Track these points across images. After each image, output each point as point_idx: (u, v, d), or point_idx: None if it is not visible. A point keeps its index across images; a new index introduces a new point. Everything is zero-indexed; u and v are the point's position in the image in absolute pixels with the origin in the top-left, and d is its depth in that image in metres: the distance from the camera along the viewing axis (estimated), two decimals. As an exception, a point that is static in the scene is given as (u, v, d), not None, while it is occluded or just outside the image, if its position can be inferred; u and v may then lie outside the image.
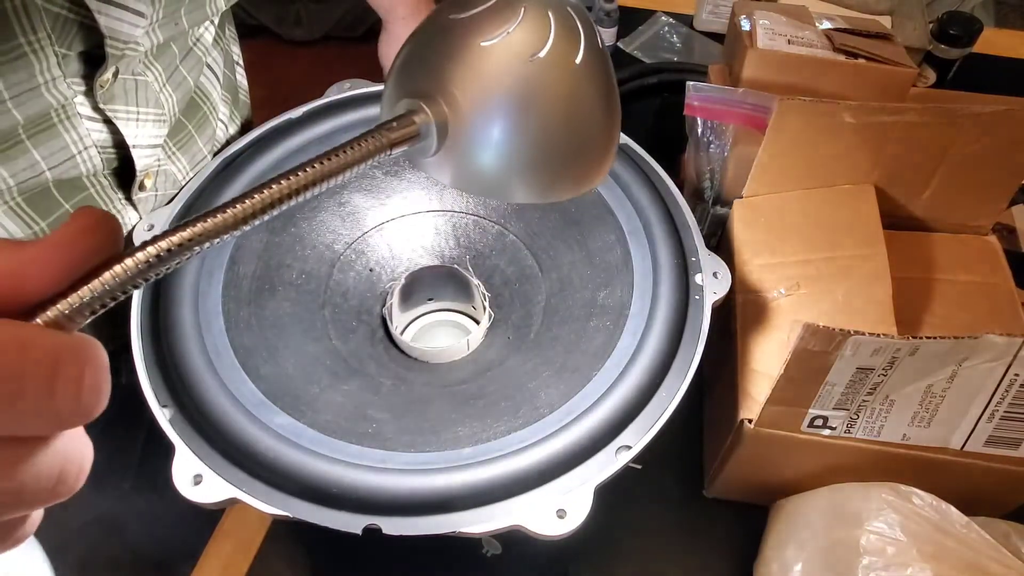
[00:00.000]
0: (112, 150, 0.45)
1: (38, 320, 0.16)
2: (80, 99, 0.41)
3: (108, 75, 0.40)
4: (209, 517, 0.53)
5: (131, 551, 0.52)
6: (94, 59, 0.39)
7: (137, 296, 0.43)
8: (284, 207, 0.20)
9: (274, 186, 0.20)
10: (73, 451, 0.17)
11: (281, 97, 0.61)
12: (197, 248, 0.18)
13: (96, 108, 0.42)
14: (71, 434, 0.17)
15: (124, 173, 0.47)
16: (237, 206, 0.19)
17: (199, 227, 0.18)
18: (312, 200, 0.51)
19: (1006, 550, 0.40)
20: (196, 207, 0.48)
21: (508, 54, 0.24)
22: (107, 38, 0.38)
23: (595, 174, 0.29)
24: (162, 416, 0.39)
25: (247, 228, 0.20)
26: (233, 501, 0.37)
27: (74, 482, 0.18)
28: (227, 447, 0.38)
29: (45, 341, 0.15)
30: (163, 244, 0.18)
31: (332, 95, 0.54)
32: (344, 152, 0.22)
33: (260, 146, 0.51)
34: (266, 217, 0.20)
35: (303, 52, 1.88)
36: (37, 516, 0.18)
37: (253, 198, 0.20)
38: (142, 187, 0.48)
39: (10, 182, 0.40)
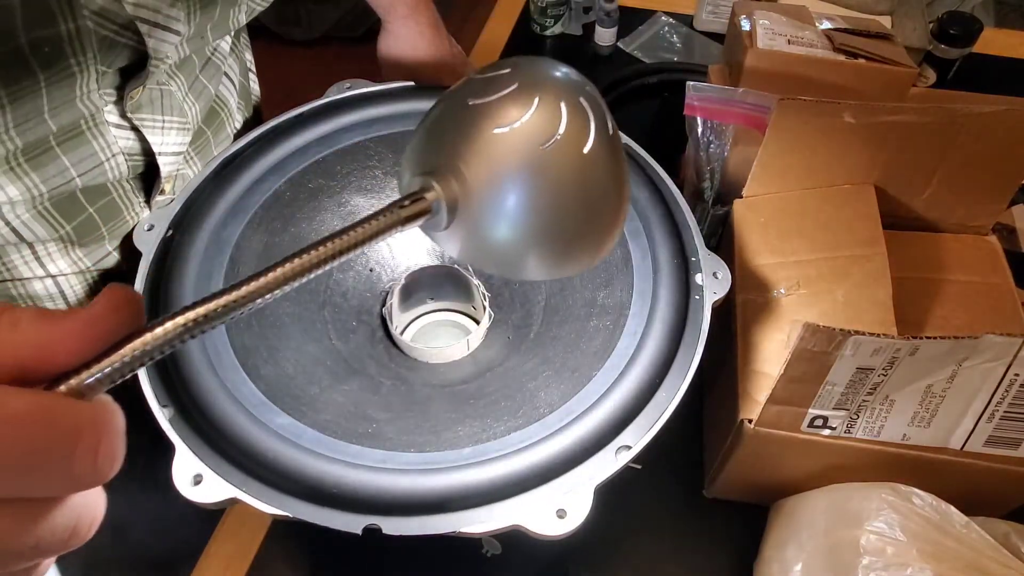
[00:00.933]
0: (139, 157, 0.47)
1: (63, 388, 0.17)
2: (109, 108, 0.42)
3: (139, 87, 0.42)
4: (209, 517, 0.53)
5: (132, 550, 0.52)
6: (125, 72, 0.41)
7: (137, 296, 0.43)
8: (297, 284, 0.21)
9: (287, 265, 0.21)
10: (86, 507, 0.19)
11: (281, 97, 0.61)
12: (214, 324, 0.20)
13: (124, 116, 0.43)
14: (84, 493, 0.19)
15: (147, 178, 0.49)
16: (252, 283, 0.20)
17: (214, 303, 0.20)
18: (312, 200, 0.51)
19: (1006, 550, 0.40)
20: (196, 206, 0.48)
21: (520, 142, 0.25)
22: (151, 58, 0.40)
23: (599, 253, 0.30)
24: (162, 416, 0.39)
25: (260, 303, 0.21)
26: (233, 501, 0.37)
27: (86, 534, 0.19)
28: (227, 447, 0.38)
29: (68, 413, 0.17)
30: (180, 320, 0.19)
31: (332, 95, 0.54)
32: (359, 228, 0.23)
33: (260, 146, 0.51)
34: (278, 294, 0.21)
35: (303, 52, 1.88)
36: (49, 561, 0.20)
37: (267, 276, 0.21)
38: (162, 192, 0.50)
39: (42, 188, 0.41)
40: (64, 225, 0.45)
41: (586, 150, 0.26)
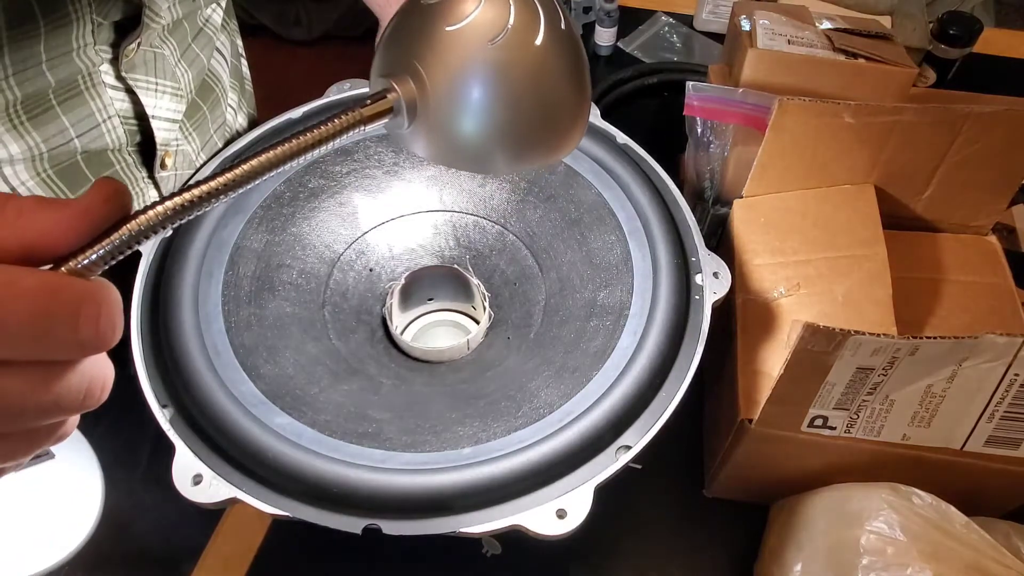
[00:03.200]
0: (134, 121, 0.47)
1: (63, 269, 0.20)
2: (105, 67, 0.43)
3: (134, 44, 0.43)
4: (210, 516, 0.53)
5: (132, 550, 0.52)
6: (120, 29, 0.43)
7: (137, 296, 0.43)
8: (270, 174, 0.23)
9: (261, 156, 0.23)
10: (97, 371, 0.22)
11: (281, 97, 0.61)
12: (189, 215, 0.22)
13: (119, 77, 0.44)
14: (94, 359, 0.22)
15: (146, 149, 0.49)
16: (226, 175, 0.22)
17: (189, 194, 0.22)
18: (312, 200, 0.51)
19: (1006, 550, 0.40)
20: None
21: (470, 38, 0.26)
22: (146, 8, 0.42)
23: (562, 146, 0.31)
24: (162, 416, 0.39)
25: (234, 194, 0.23)
26: (233, 501, 0.37)
27: (100, 395, 0.22)
28: (227, 447, 0.38)
29: (70, 286, 0.19)
30: (160, 209, 0.21)
31: (332, 95, 0.54)
32: (323, 126, 0.24)
33: (260, 146, 0.51)
34: (252, 184, 0.23)
35: (303, 52, 1.88)
36: (73, 420, 0.24)
37: (241, 168, 0.23)
38: (163, 165, 0.51)
39: (43, 147, 0.42)
40: (68, 194, 0.45)
41: (537, 42, 0.27)
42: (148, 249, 0.45)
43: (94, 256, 0.20)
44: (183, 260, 0.45)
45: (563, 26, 0.28)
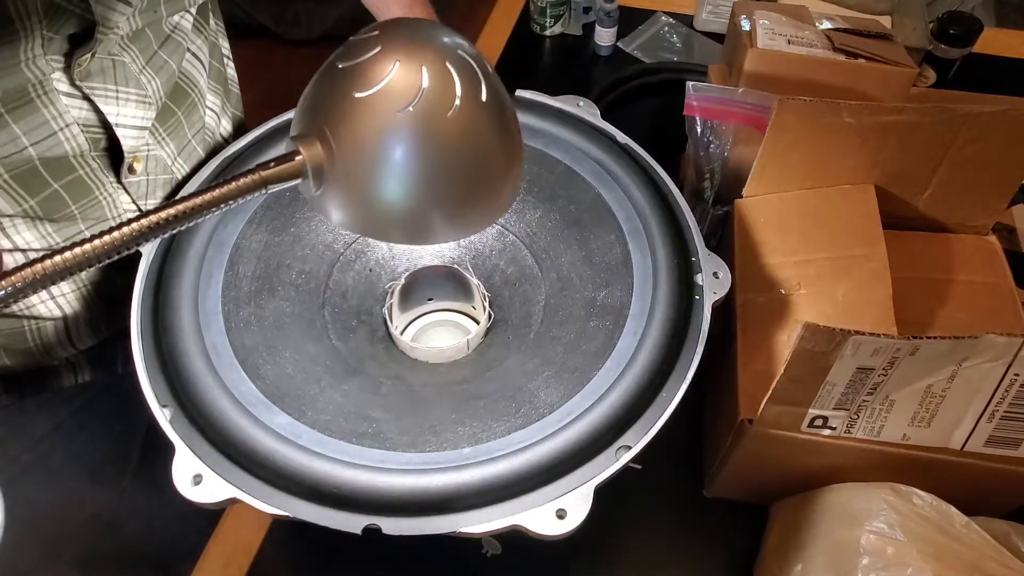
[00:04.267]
0: (97, 129, 0.46)
1: None
2: (57, 75, 0.42)
3: (88, 55, 0.42)
4: (209, 517, 0.53)
5: (132, 549, 0.52)
6: (74, 40, 0.41)
7: (137, 296, 0.43)
8: (165, 233, 0.23)
9: (151, 216, 0.22)
10: None
11: (280, 97, 0.61)
12: (51, 283, 0.21)
13: (74, 84, 0.43)
14: None
15: (113, 155, 0.48)
16: (104, 239, 0.22)
17: (50, 263, 0.21)
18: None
19: (1006, 550, 0.40)
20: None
21: (379, 106, 0.25)
22: (99, 25, 0.40)
23: (484, 214, 0.29)
24: (162, 416, 0.39)
25: (124, 253, 0.22)
26: (233, 501, 0.37)
27: None
28: (227, 447, 0.38)
29: None
30: (50, 263, 0.21)
31: (332, 95, 0.54)
32: (223, 187, 0.24)
33: (260, 146, 0.51)
34: (149, 240, 0.23)
35: (302, 52, 1.88)
36: None
37: (124, 229, 0.22)
38: (132, 171, 0.49)
39: None
40: (27, 199, 0.44)
41: (450, 115, 0.26)
42: (148, 249, 0.45)
43: None
44: (183, 260, 0.45)
45: (484, 95, 0.27)
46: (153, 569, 0.52)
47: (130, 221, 0.22)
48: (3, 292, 0.21)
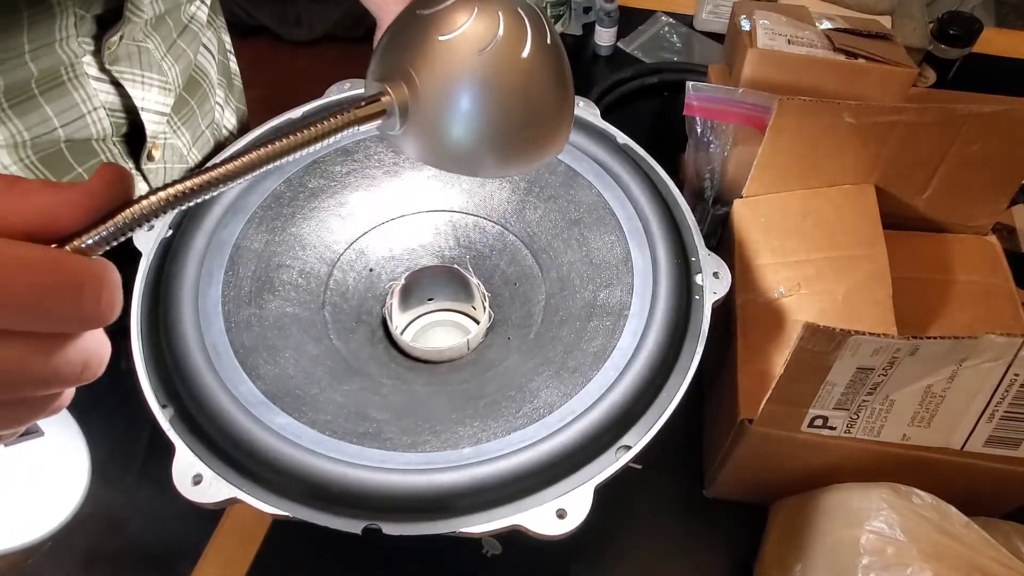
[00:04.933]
0: (121, 114, 0.48)
1: (67, 248, 0.21)
2: (88, 59, 0.44)
3: (116, 37, 0.44)
4: (210, 516, 0.53)
5: (132, 550, 0.52)
6: (102, 22, 0.43)
7: (137, 296, 0.43)
8: (268, 167, 0.24)
9: (260, 150, 0.24)
10: (95, 346, 0.22)
11: (281, 97, 0.61)
12: (188, 202, 0.23)
13: (103, 69, 0.45)
14: (93, 334, 0.22)
15: (133, 141, 0.50)
16: (225, 167, 0.23)
17: (188, 183, 0.22)
18: (311, 200, 0.51)
19: (1006, 550, 0.40)
20: (196, 206, 0.48)
21: (461, 48, 0.28)
22: (128, 2, 0.43)
23: (545, 150, 0.32)
24: (162, 416, 0.39)
25: (231, 185, 0.23)
26: (233, 501, 0.37)
27: (97, 369, 0.23)
28: (227, 447, 0.38)
29: (74, 263, 0.20)
30: (162, 195, 0.22)
31: (332, 95, 0.54)
32: (320, 124, 0.25)
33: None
34: (252, 174, 0.24)
35: (303, 52, 1.88)
36: (69, 393, 0.24)
37: (240, 160, 0.23)
38: (150, 157, 0.51)
39: (25, 136, 0.43)
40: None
41: (524, 54, 0.28)
42: (148, 249, 0.45)
43: (96, 237, 0.21)
44: (183, 260, 0.45)
45: (549, 40, 0.29)
46: (153, 568, 0.52)
47: (228, 160, 0.23)
48: (113, 227, 0.21)
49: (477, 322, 0.55)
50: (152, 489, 0.54)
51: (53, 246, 0.21)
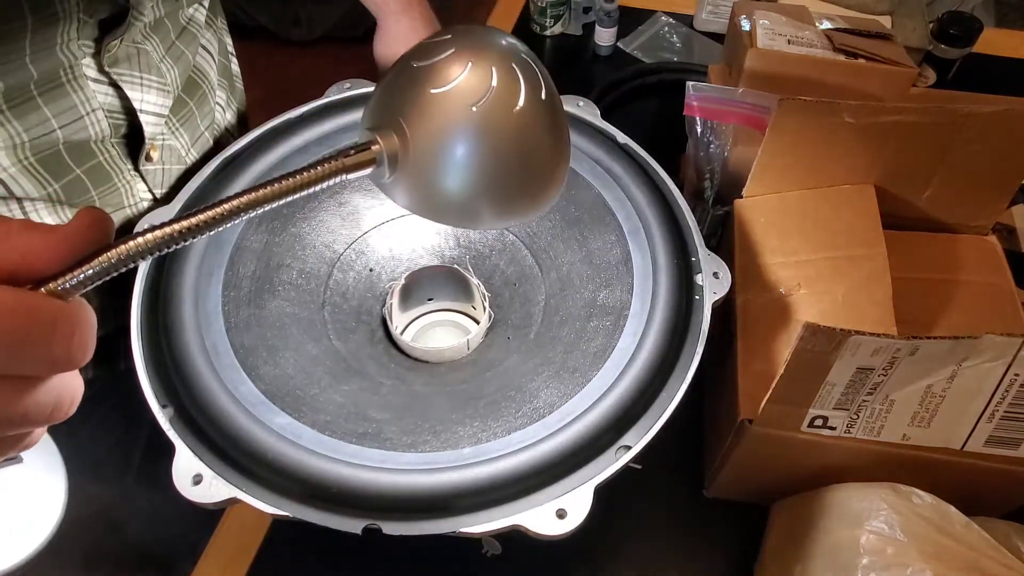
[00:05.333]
0: (120, 115, 0.48)
1: (43, 290, 0.21)
2: (87, 61, 0.44)
3: (116, 40, 0.44)
4: (210, 516, 0.53)
5: (132, 548, 0.52)
6: (103, 26, 0.43)
7: (137, 296, 0.43)
8: (249, 215, 0.24)
9: (243, 197, 0.24)
10: (66, 388, 0.23)
11: (281, 97, 0.61)
12: (167, 248, 0.23)
13: (101, 71, 0.45)
14: (64, 375, 0.22)
15: (132, 142, 0.50)
16: (208, 213, 0.23)
17: (168, 230, 0.22)
18: (311, 200, 0.51)
19: (1006, 550, 0.40)
20: (196, 206, 0.48)
21: (453, 101, 0.28)
22: (132, 9, 0.43)
23: (536, 204, 0.32)
24: (162, 416, 0.39)
25: (217, 230, 0.23)
26: (233, 501, 0.37)
27: (68, 409, 0.23)
28: (227, 447, 0.38)
29: (48, 307, 0.20)
30: (141, 240, 0.22)
31: (332, 95, 0.54)
32: (306, 172, 0.25)
33: (260, 146, 0.51)
34: (234, 221, 0.24)
35: (303, 52, 1.88)
36: (40, 431, 0.24)
37: (221, 207, 0.23)
38: (149, 158, 0.51)
39: (24, 137, 0.43)
40: (51, 183, 0.46)
41: (516, 110, 0.29)
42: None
43: (73, 280, 0.21)
44: (183, 260, 0.45)
45: (543, 94, 0.29)
46: (153, 568, 0.52)
47: (211, 206, 0.23)
48: (90, 271, 0.21)
49: (477, 322, 0.55)
50: (152, 489, 0.54)
51: (29, 287, 0.21)
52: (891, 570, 0.40)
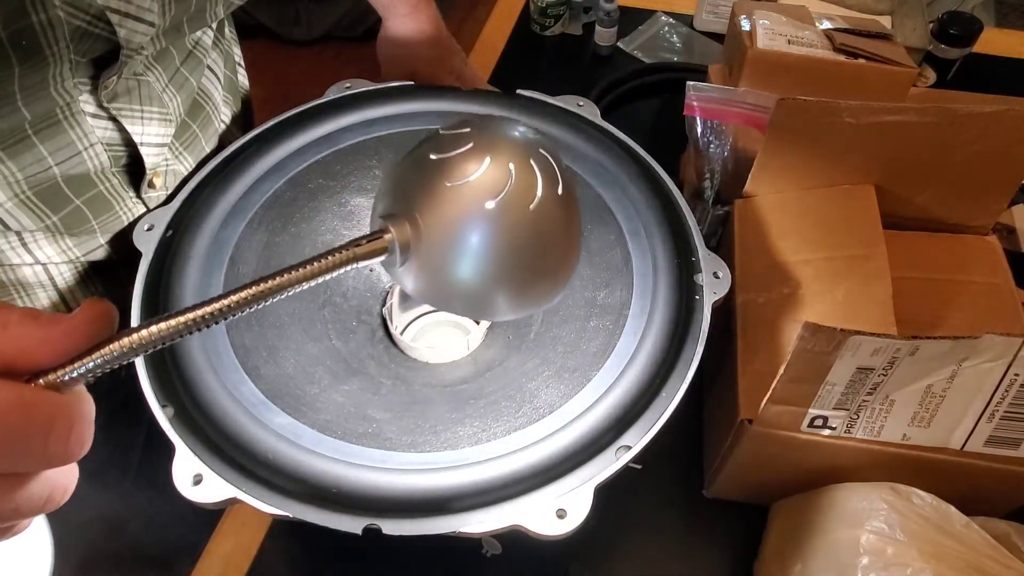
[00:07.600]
0: (120, 148, 0.46)
1: (41, 381, 0.21)
2: (84, 97, 0.42)
3: (114, 77, 0.42)
4: (210, 516, 0.53)
5: (132, 549, 0.52)
6: (99, 62, 0.41)
7: (137, 296, 0.43)
8: (263, 304, 0.24)
9: (253, 288, 0.23)
10: (59, 479, 0.22)
11: (281, 97, 0.61)
12: (171, 341, 0.22)
13: (100, 106, 0.43)
14: (59, 468, 0.22)
15: (133, 171, 0.48)
16: (214, 305, 0.23)
17: (174, 322, 0.22)
18: (312, 200, 0.51)
19: (1006, 550, 0.40)
20: (196, 206, 0.48)
21: (468, 196, 0.28)
22: (123, 48, 0.40)
23: (544, 298, 0.33)
24: (162, 416, 0.39)
25: (225, 321, 0.23)
26: (233, 501, 0.37)
27: (60, 500, 0.23)
28: (227, 447, 0.38)
29: (45, 403, 0.20)
30: (145, 334, 0.22)
31: (332, 95, 0.54)
32: (317, 262, 0.25)
33: (260, 146, 0.51)
34: (245, 312, 0.23)
35: (303, 52, 1.88)
36: (27, 521, 0.23)
37: (233, 297, 0.23)
38: (152, 185, 0.50)
39: (18, 176, 0.42)
40: (50, 215, 0.45)
41: (532, 207, 0.29)
42: (148, 249, 0.45)
43: (73, 373, 0.21)
44: (183, 260, 0.45)
45: (560, 190, 0.29)
46: (153, 568, 0.52)
47: (218, 298, 0.23)
48: (91, 364, 0.21)
49: (477, 322, 0.55)
50: (151, 490, 0.54)
51: (26, 379, 0.20)
52: (891, 570, 0.40)
